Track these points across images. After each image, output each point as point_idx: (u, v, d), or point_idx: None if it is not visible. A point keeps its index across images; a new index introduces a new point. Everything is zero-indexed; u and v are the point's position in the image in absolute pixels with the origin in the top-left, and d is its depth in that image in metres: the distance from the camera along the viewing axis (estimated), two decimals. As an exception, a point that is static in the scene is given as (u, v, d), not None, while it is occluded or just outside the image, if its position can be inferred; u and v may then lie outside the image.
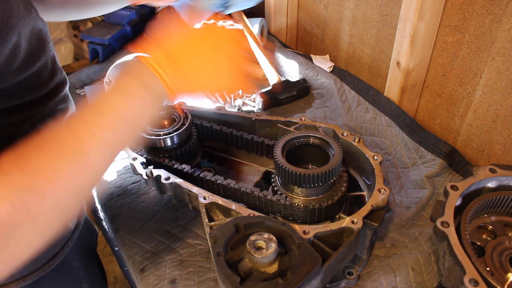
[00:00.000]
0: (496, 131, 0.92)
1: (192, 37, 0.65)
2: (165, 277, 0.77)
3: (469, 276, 0.56)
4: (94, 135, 0.52)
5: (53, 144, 0.51)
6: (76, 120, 0.55)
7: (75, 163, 0.50)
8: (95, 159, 0.52)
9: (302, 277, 0.57)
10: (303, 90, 1.27)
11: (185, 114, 0.91)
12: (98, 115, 0.54)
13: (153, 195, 0.95)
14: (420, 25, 0.96)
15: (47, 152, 0.50)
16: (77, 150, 0.51)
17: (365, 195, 0.82)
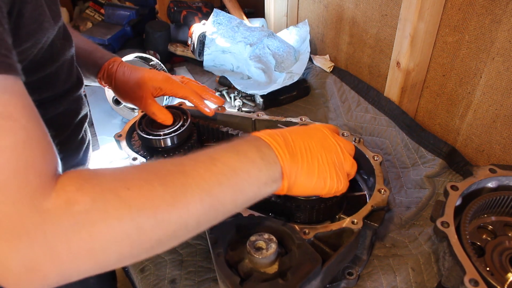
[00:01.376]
0: (496, 131, 0.92)
1: (309, 134, 0.65)
2: (165, 277, 0.77)
3: (469, 276, 0.56)
4: (200, 177, 0.51)
5: (156, 168, 0.50)
6: (190, 159, 0.53)
7: (172, 190, 0.48)
8: (193, 199, 0.49)
9: (302, 277, 0.57)
10: (303, 90, 1.27)
11: (185, 114, 0.91)
12: (211, 161, 0.53)
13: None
14: (420, 25, 0.96)
15: (147, 170, 0.50)
16: (179, 180, 0.49)
17: (365, 195, 0.82)
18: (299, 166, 0.60)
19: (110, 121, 1.20)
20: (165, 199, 0.47)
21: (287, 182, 0.59)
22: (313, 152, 0.63)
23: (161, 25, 1.46)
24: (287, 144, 0.60)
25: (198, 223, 0.51)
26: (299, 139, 0.63)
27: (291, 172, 0.59)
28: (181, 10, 1.50)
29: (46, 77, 0.65)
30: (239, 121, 0.95)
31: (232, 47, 1.32)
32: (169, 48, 1.46)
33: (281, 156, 0.58)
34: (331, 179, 0.63)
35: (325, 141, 0.66)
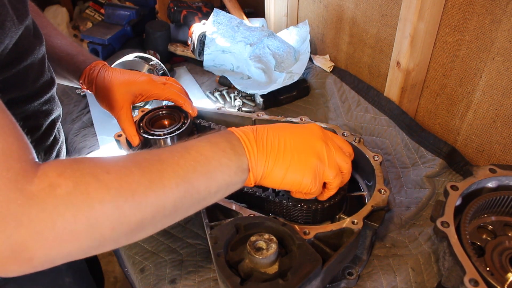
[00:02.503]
0: (496, 131, 0.92)
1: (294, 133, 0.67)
2: (165, 277, 0.77)
3: (469, 276, 0.56)
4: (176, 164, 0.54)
5: (135, 157, 0.53)
6: (167, 149, 0.57)
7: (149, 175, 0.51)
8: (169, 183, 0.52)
9: (303, 277, 0.57)
10: (303, 90, 1.27)
11: (185, 114, 0.91)
12: (186, 150, 0.57)
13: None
14: (420, 25, 0.96)
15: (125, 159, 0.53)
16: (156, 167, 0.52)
17: (365, 196, 0.82)
18: (268, 158, 0.63)
19: (110, 121, 1.20)
20: (142, 182, 0.50)
21: (252, 174, 0.62)
22: (287, 148, 0.64)
23: (161, 25, 1.46)
24: (257, 139, 0.63)
25: (175, 207, 0.53)
26: (276, 135, 0.65)
27: (257, 164, 0.62)
28: (181, 10, 1.50)
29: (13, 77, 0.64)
30: (239, 121, 0.95)
31: (232, 47, 1.32)
32: (169, 48, 1.46)
33: (247, 149, 0.61)
34: (304, 177, 0.64)
35: (311, 141, 0.66)
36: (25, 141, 0.47)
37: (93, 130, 1.16)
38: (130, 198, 0.48)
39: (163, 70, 1.17)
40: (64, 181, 0.44)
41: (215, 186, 0.58)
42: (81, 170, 0.47)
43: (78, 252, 0.47)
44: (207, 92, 1.31)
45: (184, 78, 1.39)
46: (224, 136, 0.62)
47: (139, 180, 0.50)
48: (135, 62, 1.12)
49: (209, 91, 1.32)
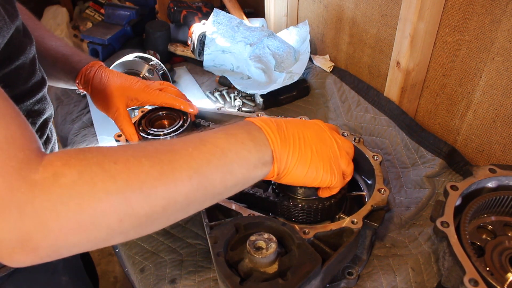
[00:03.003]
0: (496, 131, 0.92)
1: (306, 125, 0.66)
2: (165, 277, 0.77)
3: (469, 276, 0.56)
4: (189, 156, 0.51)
5: (145, 147, 0.51)
6: (180, 140, 0.54)
7: (159, 167, 0.48)
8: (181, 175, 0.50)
9: (302, 277, 0.57)
10: (303, 90, 1.27)
11: (185, 114, 0.91)
12: (200, 141, 0.54)
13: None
14: (420, 25, 0.96)
15: (135, 148, 0.50)
16: (167, 157, 0.50)
17: (365, 195, 0.82)
18: (291, 151, 0.60)
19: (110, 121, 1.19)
20: (151, 174, 0.47)
21: (277, 167, 0.59)
22: (306, 141, 0.63)
23: (161, 25, 1.46)
24: (279, 129, 0.61)
25: (187, 201, 0.51)
26: (294, 127, 0.63)
27: (281, 156, 0.59)
28: (181, 10, 1.50)
29: (5, 76, 0.63)
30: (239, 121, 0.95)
31: (232, 47, 1.33)
32: (169, 48, 1.46)
33: (271, 139, 0.59)
34: (324, 171, 0.63)
35: (322, 134, 0.66)
36: (30, 130, 0.46)
37: (93, 130, 1.16)
38: (138, 190, 0.46)
39: (163, 70, 1.17)
40: (69, 170, 0.43)
41: (232, 180, 0.55)
42: (87, 160, 0.45)
43: (86, 244, 0.46)
44: (207, 92, 1.31)
45: (184, 78, 1.39)
46: (243, 127, 0.59)
47: (148, 171, 0.47)
48: (135, 62, 1.12)
49: (209, 91, 1.32)
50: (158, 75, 1.13)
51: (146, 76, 1.13)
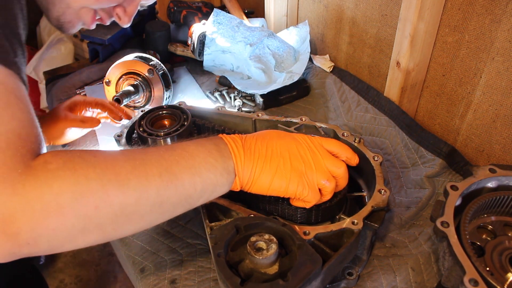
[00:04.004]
0: (496, 131, 0.92)
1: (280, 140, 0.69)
2: (165, 277, 0.77)
3: (469, 276, 0.56)
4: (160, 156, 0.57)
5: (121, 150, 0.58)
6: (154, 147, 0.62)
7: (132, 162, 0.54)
8: (152, 171, 0.55)
9: (303, 278, 0.57)
10: (303, 90, 1.27)
11: (185, 114, 0.91)
12: (171, 147, 0.61)
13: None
14: (420, 25, 0.96)
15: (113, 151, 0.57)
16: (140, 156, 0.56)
17: (365, 196, 0.82)
18: (255, 164, 0.65)
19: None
20: (125, 167, 0.53)
21: (239, 178, 0.64)
22: (274, 155, 0.66)
23: (161, 25, 1.46)
24: (245, 145, 0.66)
25: (159, 198, 0.55)
26: (264, 142, 0.67)
27: (244, 170, 0.64)
28: (181, 10, 1.50)
29: None
30: (239, 121, 0.95)
31: (232, 47, 1.32)
32: (169, 48, 1.46)
33: (234, 153, 0.64)
34: (291, 182, 0.65)
35: (296, 149, 0.68)
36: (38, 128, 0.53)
37: (93, 130, 1.16)
38: (114, 179, 0.51)
39: (163, 70, 1.17)
40: (55, 159, 0.50)
41: (201, 182, 0.59)
42: (72, 153, 0.52)
43: (63, 232, 0.49)
44: (207, 92, 1.31)
45: (184, 78, 1.39)
46: (211, 140, 0.65)
47: (123, 165, 0.53)
48: (135, 62, 1.12)
49: (209, 91, 1.32)
50: (158, 75, 1.13)
51: (146, 76, 1.13)
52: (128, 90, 1.11)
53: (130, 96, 1.11)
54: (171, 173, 0.56)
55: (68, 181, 0.49)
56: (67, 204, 0.48)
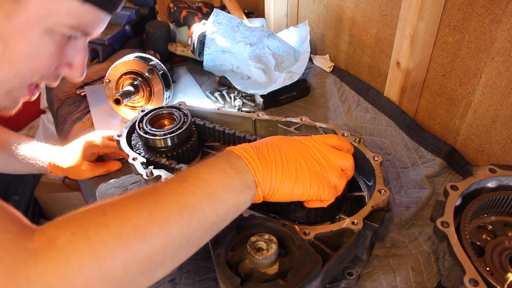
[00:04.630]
0: (496, 131, 0.92)
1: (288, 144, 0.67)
2: (165, 277, 0.77)
3: (469, 276, 0.56)
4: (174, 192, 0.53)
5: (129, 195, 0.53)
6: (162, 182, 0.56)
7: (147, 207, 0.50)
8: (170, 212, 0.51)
9: (303, 278, 0.57)
10: (303, 90, 1.27)
11: (185, 114, 0.91)
12: (183, 178, 0.56)
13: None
14: (420, 25, 0.96)
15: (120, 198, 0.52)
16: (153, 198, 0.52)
17: (365, 196, 0.82)
18: (274, 172, 0.62)
19: (111, 121, 1.20)
20: (141, 216, 0.49)
21: (261, 190, 0.61)
22: (290, 160, 0.64)
23: (161, 25, 1.46)
24: (259, 154, 0.63)
25: (184, 236, 0.51)
26: (275, 149, 0.65)
27: (264, 180, 0.61)
28: (181, 10, 1.50)
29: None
30: (239, 121, 0.95)
31: (232, 47, 1.32)
32: (169, 48, 1.46)
33: (251, 165, 0.61)
34: (311, 186, 0.64)
35: (306, 151, 0.67)
36: (12, 209, 0.48)
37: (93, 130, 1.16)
38: (133, 233, 0.47)
39: (163, 70, 1.17)
40: (63, 232, 0.45)
41: (222, 207, 0.56)
42: (77, 220, 0.47)
43: None
44: (207, 92, 1.31)
45: (184, 78, 1.39)
46: (222, 157, 0.61)
47: (138, 214, 0.49)
48: (135, 62, 1.12)
49: (209, 91, 1.32)
50: (158, 75, 1.13)
51: (146, 76, 1.13)
52: (128, 90, 1.11)
53: (130, 96, 1.11)
54: (190, 208, 0.52)
55: (85, 252, 0.44)
56: (93, 275, 0.44)
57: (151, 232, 0.49)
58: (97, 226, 0.46)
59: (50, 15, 0.55)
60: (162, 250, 0.49)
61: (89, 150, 0.97)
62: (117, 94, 1.07)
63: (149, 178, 0.80)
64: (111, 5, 0.61)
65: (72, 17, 0.57)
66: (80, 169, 0.97)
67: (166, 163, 0.85)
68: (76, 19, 0.58)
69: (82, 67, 0.67)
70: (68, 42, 0.62)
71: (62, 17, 0.56)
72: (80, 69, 0.67)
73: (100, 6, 0.59)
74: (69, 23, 0.58)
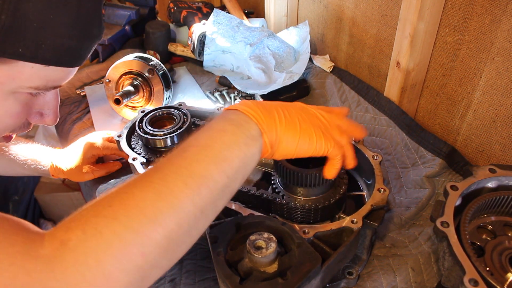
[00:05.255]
0: (495, 131, 0.92)
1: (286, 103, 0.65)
2: (165, 277, 0.77)
3: (469, 276, 0.56)
4: (176, 165, 0.51)
5: (132, 180, 0.51)
6: (162, 159, 0.54)
7: (152, 188, 0.48)
8: (177, 186, 0.49)
9: (302, 276, 0.57)
10: (303, 90, 1.27)
11: (185, 114, 0.91)
12: (182, 149, 0.54)
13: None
14: (420, 25, 0.96)
15: (124, 185, 0.50)
16: (156, 177, 0.50)
17: (365, 195, 0.82)
18: (277, 122, 0.59)
19: (111, 121, 1.20)
20: (148, 198, 0.47)
21: (267, 137, 0.58)
22: (291, 114, 0.62)
23: (161, 25, 1.46)
24: (259, 106, 0.60)
25: (198, 208, 0.50)
26: (276, 105, 0.63)
27: (269, 128, 0.59)
28: (181, 10, 1.50)
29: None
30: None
31: (232, 47, 1.33)
32: (169, 48, 1.46)
33: (252, 115, 0.58)
34: (317, 137, 0.62)
35: (305, 109, 0.65)
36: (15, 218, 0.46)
37: (93, 130, 1.16)
38: (144, 218, 0.46)
39: (163, 70, 1.17)
40: (73, 233, 0.44)
41: (230, 167, 0.53)
42: (84, 217, 0.46)
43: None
44: (207, 92, 1.31)
45: (184, 78, 1.40)
46: (219, 118, 0.59)
47: (144, 197, 0.47)
48: (135, 62, 1.12)
49: (209, 91, 1.32)
50: (158, 75, 1.13)
51: (146, 76, 1.13)
52: (128, 90, 1.11)
53: (130, 96, 1.11)
54: (196, 177, 0.50)
55: (99, 248, 0.43)
56: (114, 269, 0.43)
57: (161, 212, 0.47)
58: (106, 219, 0.45)
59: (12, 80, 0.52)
60: (178, 227, 0.48)
61: (90, 153, 0.97)
62: (117, 94, 1.07)
63: (149, 177, 0.80)
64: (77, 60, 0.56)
65: (36, 80, 0.54)
66: (81, 172, 0.97)
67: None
68: (41, 80, 0.54)
69: (54, 114, 0.64)
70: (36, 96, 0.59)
71: (25, 81, 0.53)
72: (51, 117, 0.64)
73: (66, 65, 0.55)
74: (33, 85, 0.54)
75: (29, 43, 0.49)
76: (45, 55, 0.51)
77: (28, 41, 0.49)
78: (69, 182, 1.94)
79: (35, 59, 0.51)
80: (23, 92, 0.55)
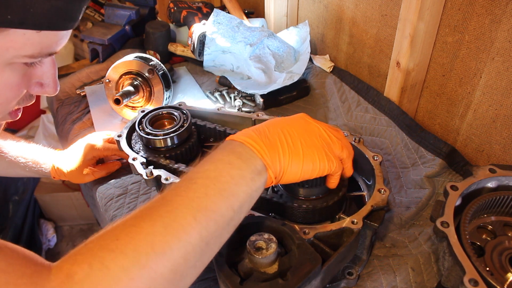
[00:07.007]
0: (495, 131, 0.92)
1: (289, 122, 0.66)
2: (165, 277, 0.77)
3: (469, 276, 0.56)
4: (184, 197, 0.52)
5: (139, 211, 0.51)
6: (169, 190, 0.54)
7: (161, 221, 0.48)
8: (185, 220, 0.49)
9: (302, 277, 0.57)
10: (303, 90, 1.27)
11: (185, 114, 0.91)
12: (190, 181, 0.54)
13: (153, 195, 0.95)
14: (420, 25, 0.96)
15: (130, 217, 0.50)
16: (164, 210, 0.50)
17: (365, 195, 0.82)
18: (281, 152, 0.61)
19: (111, 121, 1.20)
20: (156, 232, 0.47)
21: (272, 171, 0.60)
22: (294, 138, 0.63)
23: (161, 25, 1.46)
24: (262, 137, 0.61)
25: (204, 241, 0.50)
26: (277, 129, 0.64)
27: (273, 161, 0.60)
28: (181, 10, 1.50)
29: None
30: (239, 121, 0.95)
31: (232, 47, 1.33)
32: (169, 48, 1.46)
33: (256, 149, 0.59)
34: (320, 160, 0.63)
35: (308, 126, 0.66)
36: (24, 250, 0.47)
37: (93, 130, 1.16)
38: (151, 252, 0.46)
39: (163, 70, 1.17)
40: (79, 267, 0.44)
41: (237, 201, 0.55)
42: (91, 250, 0.46)
43: None
44: (207, 92, 1.31)
45: (184, 78, 1.40)
46: (225, 149, 0.60)
47: (152, 231, 0.47)
48: (135, 62, 1.12)
49: (209, 91, 1.32)
50: (158, 75, 1.13)
51: (146, 76, 1.13)
52: (128, 90, 1.11)
53: (130, 96, 1.11)
54: (204, 210, 0.51)
55: (106, 282, 0.43)
56: None
57: (170, 245, 0.47)
58: (113, 253, 0.45)
59: (5, 50, 0.50)
60: (184, 261, 0.48)
61: (90, 154, 0.97)
62: (117, 94, 1.07)
63: (149, 178, 0.80)
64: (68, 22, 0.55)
65: (30, 47, 0.52)
66: (82, 174, 0.98)
67: (166, 163, 0.85)
68: (35, 47, 0.53)
69: (54, 83, 0.62)
70: (33, 65, 0.58)
71: (19, 50, 0.51)
72: (51, 85, 0.62)
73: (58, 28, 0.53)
74: (27, 53, 0.53)
75: (17, 8, 0.47)
76: (34, 19, 0.49)
77: (15, 7, 0.47)
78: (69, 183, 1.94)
79: (25, 25, 0.49)
80: (19, 63, 0.54)
